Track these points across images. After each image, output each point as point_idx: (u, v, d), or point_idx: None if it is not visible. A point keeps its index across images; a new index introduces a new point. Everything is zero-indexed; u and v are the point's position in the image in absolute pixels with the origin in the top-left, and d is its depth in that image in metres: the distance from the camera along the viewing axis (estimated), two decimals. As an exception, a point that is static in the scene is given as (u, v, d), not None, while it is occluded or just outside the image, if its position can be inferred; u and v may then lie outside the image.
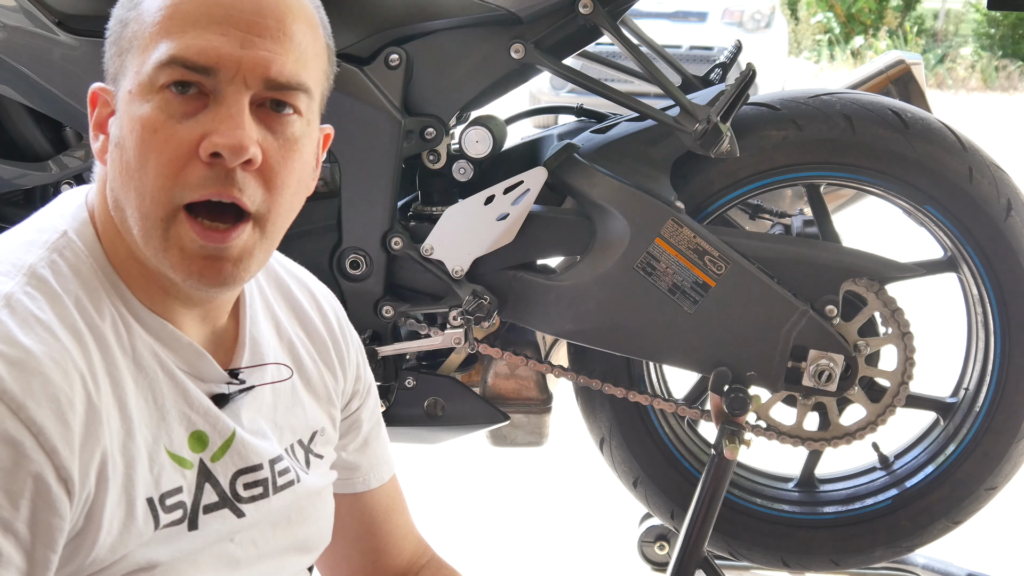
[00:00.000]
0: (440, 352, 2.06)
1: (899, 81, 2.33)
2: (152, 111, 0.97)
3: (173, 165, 0.97)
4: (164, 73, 0.97)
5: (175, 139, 0.96)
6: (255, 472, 1.09)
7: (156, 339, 1.02)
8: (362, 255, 1.96)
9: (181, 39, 0.97)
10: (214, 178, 0.97)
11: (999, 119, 10.60)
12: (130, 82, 0.99)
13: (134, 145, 0.98)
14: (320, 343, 1.22)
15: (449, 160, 2.01)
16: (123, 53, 1.01)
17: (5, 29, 1.85)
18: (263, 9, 0.99)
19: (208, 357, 1.06)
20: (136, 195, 0.98)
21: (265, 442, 1.11)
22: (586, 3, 1.90)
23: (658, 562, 2.43)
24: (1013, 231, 1.99)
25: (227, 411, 1.08)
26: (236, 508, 1.07)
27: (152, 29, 0.98)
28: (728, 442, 1.94)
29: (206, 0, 0.98)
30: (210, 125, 0.97)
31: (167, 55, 0.96)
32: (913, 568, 2.28)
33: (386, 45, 1.93)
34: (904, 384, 2.02)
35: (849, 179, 2.01)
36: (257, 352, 1.12)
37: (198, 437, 1.04)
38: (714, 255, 1.92)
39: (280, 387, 1.15)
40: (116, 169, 1.00)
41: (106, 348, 0.98)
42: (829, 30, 15.06)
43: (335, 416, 1.23)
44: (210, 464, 1.05)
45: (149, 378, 1.01)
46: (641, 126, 1.97)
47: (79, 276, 1.00)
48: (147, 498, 0.99)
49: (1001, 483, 2.08)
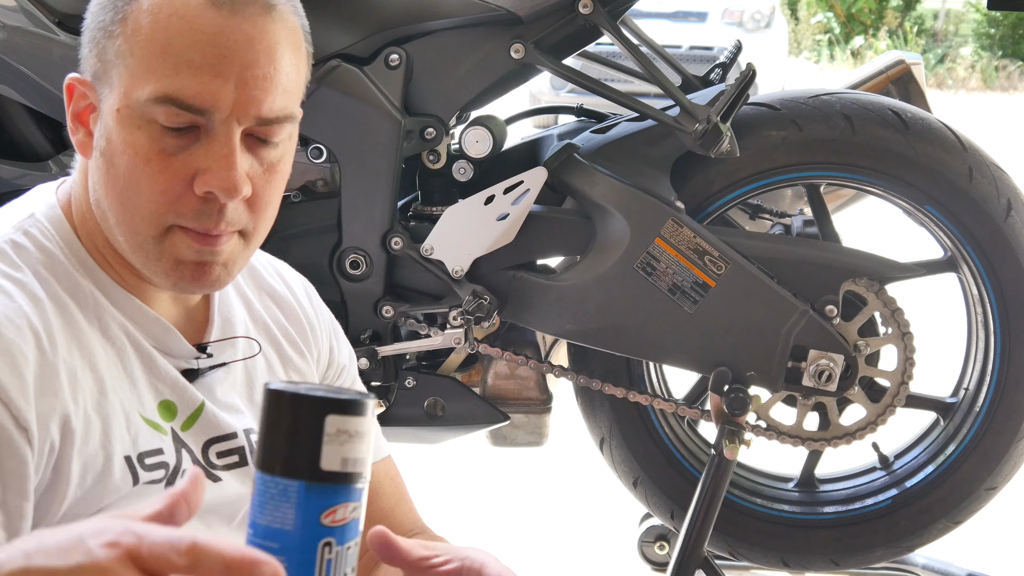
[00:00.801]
0: (440, 352, 2.06)
1: (899, 81, 2.33)
2: (144, 141, 0.99)
3: (167, 195, 1.00)
4: (159, 111, 0.97)
5: (169, 171, 0.99)
6: (228, 441, 1.11)
7: (124, 314, 1.05)
8: (362, 255, 1.96)
9: (175, 78, 0.97)
10: (207, 213, 1.00)
11: (999, 119, 10.60)
12: (117, 99, 0.99)
13: (125, 168, 1.00)
14: (296, 321, 1.23)
15: (449, 160, 2.01)
16: (105, 61, 1.01)
17: (5, 29, 1.85)
18: (255, 45, 0.99)
19: (175, 332, 1.08)
20: (125, 211, 1.01)
21: (238, 415, 1.12)
22: (586, 3, 1.90)
23: (658, 562, 2.43)
24: (1013, 231, 1.99)
25: (197, 385, 1.09)
26: (211, 474, 1.09)
27: (143, 58, 0.98)
28: (728, 442, 1.94)
29: (199, 38, 0.97)
30: (203, 161, 0.99)
31: (161, 93, 0.97)
32: (913, 568, 2.28)
33: (386, 45, 1.93)
34: (904, 384, 2.02)
35: (849, 179, 2.01)
36: (227, 329, 1.14)
37: (166, 406, 1.06)
38: (714, 255, 1.92)
39: (254, 366, 1.16)
40: (101, 177, 1.02)
41: (69, 315, 1.01)
42: (829, 30, 15.06)
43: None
44: (181, 433, 1.07)
45: (117, 347, 1.03)
46: (641, 126, 1.97)
47: (43, 251, 1.03)
48: (124, 455, 1.01)
49: (1001, 483, 2.08)
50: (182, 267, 1.02)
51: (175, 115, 0.97)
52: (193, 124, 0.99)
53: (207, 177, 0.99)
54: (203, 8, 0.98)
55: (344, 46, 1.91)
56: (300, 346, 1.22)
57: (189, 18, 0.97)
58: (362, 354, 1.95)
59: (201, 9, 0.98)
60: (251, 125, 1.00)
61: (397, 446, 1.10)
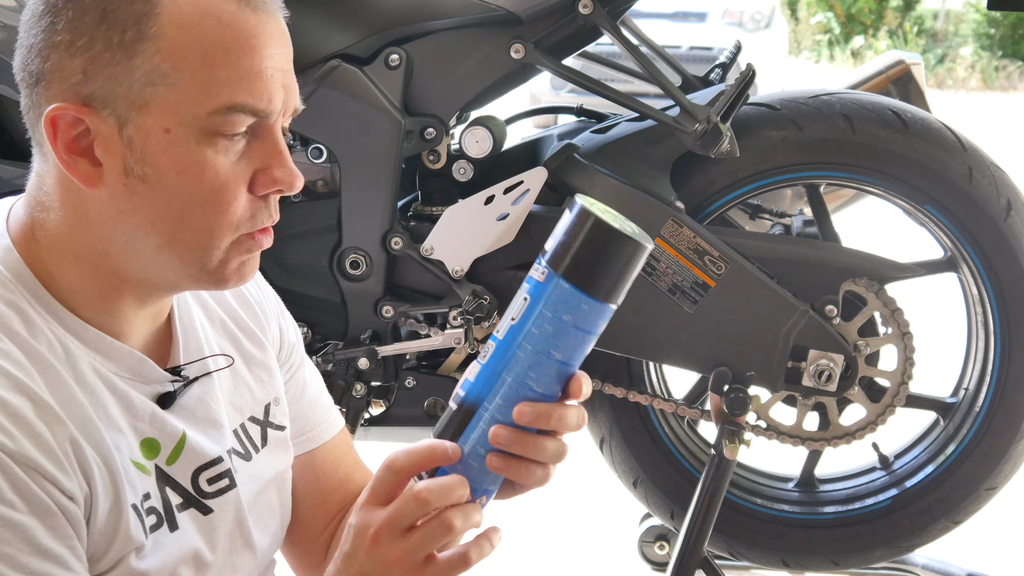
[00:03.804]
0: (440, 352, 2.06)
1: (899, 81, 2.33)
2: (208, 155, 0.97)
3: (236, 203, 0.99)
4: (228, 121, 0.96)
5: (234, 179, 0.98)
6: (215, 466, 1.11)
7: (95, 351, 1.02)
8: (362, 255, 1.96)
9: (239, 86, 0.96)
10: (267, 212, 1.02)
11: (999, 119, 10.60)
12: (162, 119, 0.95)
13: (188, 187, 0.97)
14: (248, 308, 1.23)
15: (449, 160, 2.01)
16: (127, 83, 0.95)
17: (5, 29, 1.85)
18: (284, 41, 1.00)
19: (149, 362, 1.06)
20: (189, 231, 0.98)
21: (219, 434, 1.12)
22: (586, 3, 1.90)
23: (658, 562, 2.43)
24: (1013, 231, 1.99)
25: (175, 409, 1.09)
26: (202, 505, 1.09)
27: (198, 71, 0.95)
28: (728, 442, 1.94)
29: (251, 43, 0.96)
30: (260, 161, 0.99)
31: (232, 102, 0.96)
32: (913, 568, 2.28)
33: (386, 45, 1.93)
34: (904, 384, 2.02)
35: (849, 179, 2.01)
36: (193, 342, 1.13)
37: (149, 444, 1.05)
38: (714, 255, 1.92)
39: (222, 371, 1.16)
40: (139, 204, 0.98)
41: (54, 373, 0.98)
42: (829, 30, 15.06)
43: (279, 377, 1.24)
44: (167, 468, 1.07)
45: (96, 394, 1.01)
46: (641, 126, 1.97)
47: (11, 306, 0.98)
48: (132, 504, 1.01)
49: (1001, 483, 2.09)
50: (238, 270, 1.02)
51: (240, 122, 0.97)
52: (248, 126, 0.99)
53: (270, 176, 1.00)
54: (241, 11, 0.97)
55: (344, 46, 1.91)
56: (258, 335, 1.22)
57: (235, 24, 0.96)
58: (362, 354, 1.95)
59: (240, 13, 0.97)
60: (287, 118, 1.02)
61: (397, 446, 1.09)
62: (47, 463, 0.93)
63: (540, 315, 0.94)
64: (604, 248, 0.93)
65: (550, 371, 0.95)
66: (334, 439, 1.32)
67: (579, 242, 0.93)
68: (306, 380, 1.31)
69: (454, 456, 0.97)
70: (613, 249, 0.93)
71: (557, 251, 0.94)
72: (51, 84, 0.97)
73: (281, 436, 1.22)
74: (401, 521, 0.95)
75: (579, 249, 0.93)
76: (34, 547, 0.92)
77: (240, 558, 1.14)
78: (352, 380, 1.98)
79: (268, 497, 1.19)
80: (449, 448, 0.97)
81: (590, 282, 0.93)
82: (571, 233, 0.94)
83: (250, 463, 1.16)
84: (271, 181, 1.00)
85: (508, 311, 0.97)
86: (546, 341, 0.95)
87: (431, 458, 0.97)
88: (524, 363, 0.95)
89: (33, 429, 0.93)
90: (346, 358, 1.96)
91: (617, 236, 0.93)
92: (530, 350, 0.95)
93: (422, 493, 0.95)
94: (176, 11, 0.95)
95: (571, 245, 0.93)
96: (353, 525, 0.98)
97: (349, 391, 1.98)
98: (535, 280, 0.95)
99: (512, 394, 0.96)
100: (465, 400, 0.98)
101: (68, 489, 0.95)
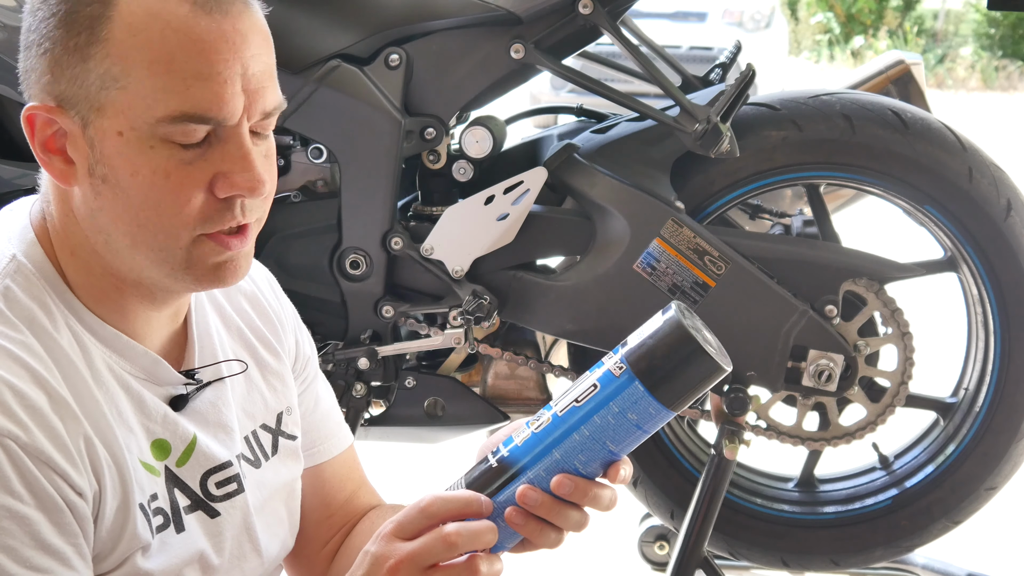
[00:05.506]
0: (440, 352, 2.06)
1: (899, 81, 2.33)
2: (159, 159, 0.96)
3: (191, 206, 0.98)
4: (176, 130, 0.95)
5: (188, 183, 0.97)
6: (224, 470, 1.11)
7: (111, 350, 1.03)
8: (362, 255, 1.96)
9: (187, 94, 0.94)
10: (229, 212, 0.99)
11: (999, 119, 10.60)
12: (116, 123, 0.95)
13: (141, 189, 0.97)
14: (267, 318, 1.23)
15: (449, 160, 2.01)
16: (84, 85, 0.95)
17: (5, 29, 1.85)
18: (249, 42, 0.97)
19: (164, 363, 1.06)
20: (146, 232, 0.99)
21: (229, 439, 1.13)
22: (586, 3, 1.90)
23: (658, 562, 2.43)
24: (1013, 231, 1.99)
25: (187, 412, 1.09)
26: (209, 508, 1.09)
27: (145, 78, 0.94)
28: (728, 442, 1.94)
29: (201, 48, 0.94)
30: (221, 164, 0.98)
31: (177, 111, 0.94)
32: (913, 568, 2.28)
33: (386, 45, 1.93)
34: (904, 384, 2.02)
35: (849, 179, 2.01)
36: (208, 346, 1.13)
37: (159, 445, 1.06)
38: (714, 255, 1.92)
39: (234, 377, 1.16)
40: (104, 203, 0.98)
41: (73, 369, 0.99)
42: (829, 30, 15.05)
43: (293, 388, 1.25)
44: (176, 470, 1.07)
45: (110, 392, 1.02)
46: (641, 126, 1.97)
47: (36, 300, 0.99)
48: (139, 503, 1.02)
49: (1001, 483, 2.09)
50: (214, 271, 1.01)
51: (192, 131, 0.95)
52: (206, 132, 0.97)
53: (229, 180, 0.98)
54: (193, 16, 0.94)
55: (344, 46, 1.91)
56: (274, 345, 1.22)
57: (184, 29, 0.94)
58: (362, 354, 1.95)
59: (192, 17, 0.94)
60: (256, 121, 1.00)
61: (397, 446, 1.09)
62: (59, 458, 0.94)
63: (607, 408, 0.97)
64: (686, 363, 0.95)
65: (600, 457, 0.99)
66: (343, 455, 1.32)
67: (664, 351, 0.95)
68: (319, 394, 1.31)
69: (487, 512, 0.99)
70: (695, 366, 0.95)
71: (640, 353, 0.96)
72: (29, 84, 0.99)
73: (292, 446, 1.22)
74: (425, 559, 0.96)
75: (663, 358, 0.95)
76: (38, 542, 0.92)
77: (247, 563, 1.14)
78: (352, 380, 1.98)
79: (276, 505, 1.19)
80: (484, 504, 0.99)
81: (666, 392, 0.96)
82: (658, 339, 0.96)
83: (259, 470, 1.17)
84: (230, 185, 0.98)
85: (572, 389, 0.99)
86: (605, 432, 0.97)
87: (466, 511, 0.98)
88: (578, 446, 0.98)
89: (48, 423, 0.94)
90: (346, 358, 1.96)
91: (701, 355, 0.95)
92: (587, 436, 0.97)
93: (452, 536, 0.96)
94: (128, 14, 0.94)
95: (656, 352, 0.96)
96: (371, 553, 0.98)
97: (349, 391, 1.98)
98: (610, 373, 0.97)
99: (556, 468, 0.98)
100: (506, 460, 1.00)
101: (78, 485, 0.95)
